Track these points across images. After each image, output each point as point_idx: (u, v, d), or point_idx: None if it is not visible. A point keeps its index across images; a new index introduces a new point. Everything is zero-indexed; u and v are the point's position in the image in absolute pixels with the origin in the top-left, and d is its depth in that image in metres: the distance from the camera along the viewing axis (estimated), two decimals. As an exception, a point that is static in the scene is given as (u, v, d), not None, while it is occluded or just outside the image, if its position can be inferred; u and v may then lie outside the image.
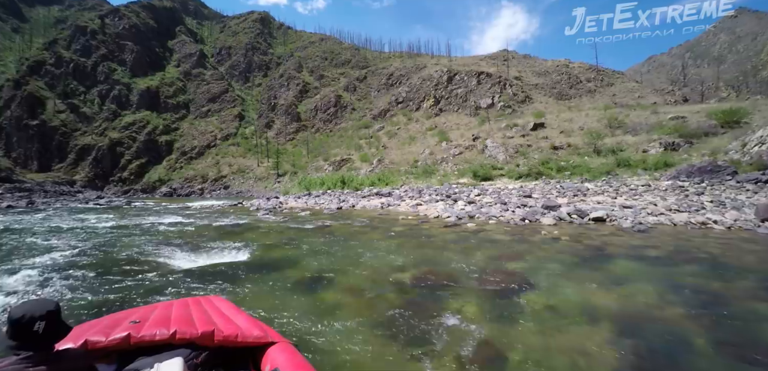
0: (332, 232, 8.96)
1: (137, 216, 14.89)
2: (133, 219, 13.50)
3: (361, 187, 24.07)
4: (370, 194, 19.14)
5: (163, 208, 20.70)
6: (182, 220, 12.67)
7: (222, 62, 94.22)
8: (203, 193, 51.95)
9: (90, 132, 62.63)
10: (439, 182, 25.46)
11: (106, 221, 12.89)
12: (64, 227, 11.54)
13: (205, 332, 1.93)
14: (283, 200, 19.91)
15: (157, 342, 1.88)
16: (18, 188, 26.76)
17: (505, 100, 59.90)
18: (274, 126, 70.85)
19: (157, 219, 13.01)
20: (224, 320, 2.14)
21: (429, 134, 47.62)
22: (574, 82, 68.04)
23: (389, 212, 12.62)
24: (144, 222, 12.19)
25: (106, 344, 1.79)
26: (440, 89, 66.74)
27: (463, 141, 35.87)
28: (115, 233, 10.00)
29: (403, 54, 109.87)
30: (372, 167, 37.05)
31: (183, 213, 15.68)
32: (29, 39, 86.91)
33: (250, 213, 14.81)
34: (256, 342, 1.98)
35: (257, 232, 9.50)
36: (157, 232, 9.68)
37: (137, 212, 17.36)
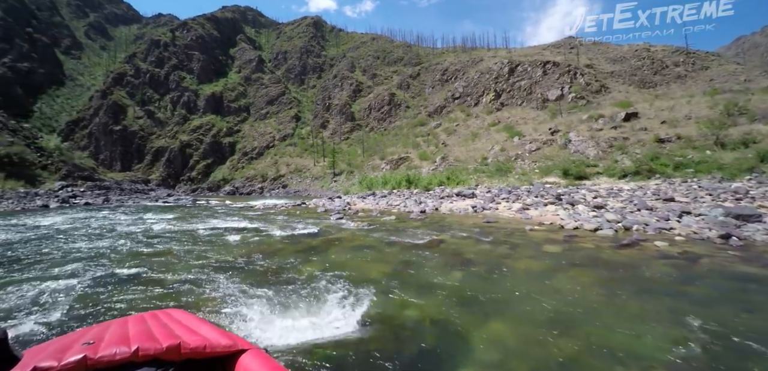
0: (454, 251, 6.60)
1: (200, 218, 14.10)
2: (196, 222, 12.60)
3: (430, 186, 21.83)
4: (448, 195, 16.91)
5: (226, 208, 20.19)
6: (247, 224, 11.32)
7: (279, 66, 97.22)
8: (263, 192, 53.01)
9: (163, 135, 67.29)
10: (519, 181, 22.48)
11: (168, 223, 12.09)
12: (122, 229, 10.76)
13: (171, 346, 1.73)
14: (350, 201, 18.32)
15: (118, 361, 1.66)
16: (98, 185, 28.41)
17: (577, 90, 54.30)
18: (329, 126, 71.13)
19: (220, 223, 12.01)
20: (188, 332, 1.94)
21: (493, 130, 44.16)
22: (659, 68, 60.18)
23: (495, 218, 10.29)
24: (206, 227, 11.09)
25: (58, 369, 1.55)
26: (501, 82, 62.51)
27: (538, 136, 32.18)
28: (173, 239, 8.85)
29: (457, 49, 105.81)
30: (435, 166, 34.71)
31: (247, 215, 14.68)
32: (114, 54, 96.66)
33: (319, 216, 13.27)
34: (226, 351, 1.83)
35: (346, 248, 7.16)
36: (221, 243, 8.14)
37: (201, 213, 16.89)
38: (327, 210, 15.18)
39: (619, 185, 16.74)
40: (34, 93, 77.32)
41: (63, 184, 24.53)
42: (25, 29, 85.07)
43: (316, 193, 43.76)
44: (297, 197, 39.31)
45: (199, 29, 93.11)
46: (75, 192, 23.55)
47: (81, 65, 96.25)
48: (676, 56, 62.67)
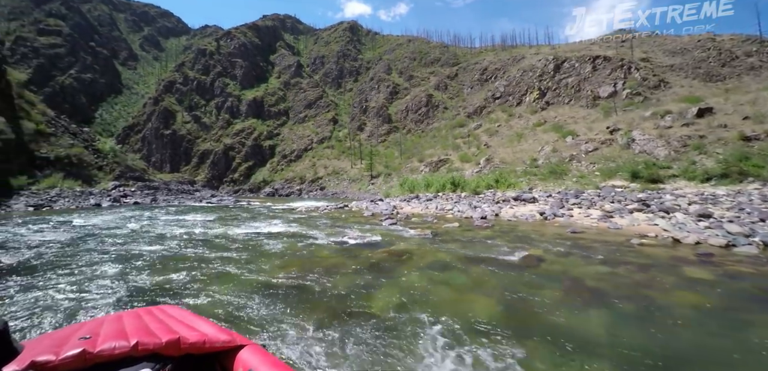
0: (565, 274, 5.09)
1: (242, 220, 13.56)
2: (237, 224, 11.98)
3: (479, 189, 20.28)
4: (503, 199, 15.39)
5: (267, 210, 19.81)
6: (293, 229, 10.42)
7: (316, 71, 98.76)
8: (301, 193, 53.47)
9: (209, 139, 70.19)
10: (578, 184, 20.43)
11: (209, 225, 11.61)
12: (163, 231, 10.42)
13: (170, 340, 1.74)
14: (395, 204, 17.24)
15: (117, 356, 1.63)
16: (148, 186, 29.57)
17: (632, 86, 50.13)
18: (366, 128, 70.87)
19: (263, 226, 11.25)
20: (186, 327, 1.95)
21: (539, 130, 41.56)
22: (728, 59, 54.37)
23: (577, 228, 8.75)
24: (248, 231, 10.31)
25: (57, 363, 1.51)
26: (546, 80, 59.22)
27: (594, 135, 29.52)
28: (213, 245, 8.17)
29: (495, 47, 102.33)
30: (479, 168, 32.94)
31: (290, 218, 14.04)
32: (165, 64, 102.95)
33: (368, 221, 12.26)
34: (225, 346, 1.84)
35: (420, 266, 5.71)
36: (265, 253, 7.13)
37: (243, 214, 16.54)
38: (374, 214, 14.24)
39: (706, 190, 14.43)
40: (96, 101, 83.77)
41: (116, 184, 25.67)
42: (88, 43, 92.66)
43: (353, 195, 43.28)
44: (335, 199, 38.93)
45: (241, 38, 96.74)
46: (126, 192, 24.50)
47: (136, 75, 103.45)
48: (748, 46, 56.37)
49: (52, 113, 28.84)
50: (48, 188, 20.12)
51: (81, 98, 79.19)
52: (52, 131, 25.70)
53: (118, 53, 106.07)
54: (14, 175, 18.63)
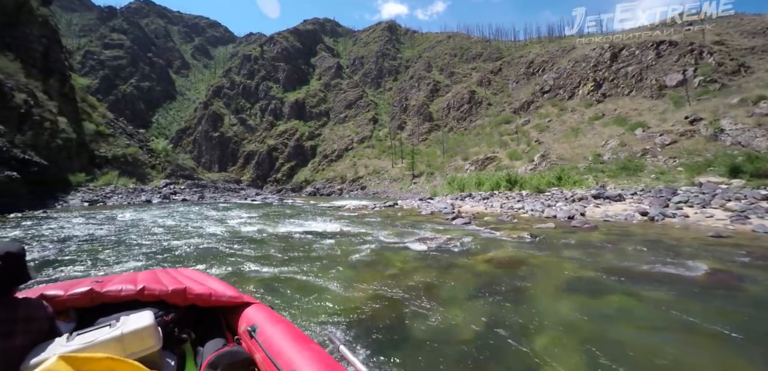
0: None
1: (291, 218, 13.02)
2: (287, 222, 11.44)
3: (541, 187, 18.18)
4: (579, 197, 13.38)
5: (314, 208, 19.03)
6: (352, 230, 9.37)
7: (356, 71, 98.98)
8: (342, 193, 53.19)
9: (253, 140, 72.41)
10: (657, 180, 17.69)
11: (257, 222, 11.17)
12: (209, 229, 9.81)
13: (176, 289, 1.78)
14: (453, 203, 15.69)
15: (123, 298, 1.70)
16: (196, 184, 30.30)
17: (706, 72, 44.59)
18: (407, 127, 69.52)
19: (316, 225, 10.13)
20: (196, 282, 1.96)
21: (598, 124, 38.11)
22: None
23: (713, 231, 6.80)
24: (302, 230, 9.18)
25: (65, 298, 1.62)
26: (601, 70, 54.52)
27: (669, 127, 26.07)
28: (266, 243, 7.28)
29: (542, 39, 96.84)
30: (533, 165, 30.47)
31: (342, 217, 12.96)
32: (214, 71, 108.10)
33: (432, 220, 10.83)
34: (231, 302, 1.86)
35: (557, 286, 4.09)
36: (330, 257, 5.93)
37: (291, 212, 15.86)
38: (433, 213, 12.89)
39: None
40: (153, 107, 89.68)
41: (167, 181, 26.45)
42: (146, 54, 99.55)
43: (396, 194, 42.08)
44: (378, 198, 37.96)
45: (283, 42, 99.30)
46: (175, 189, 25.07)
47: (188, 82, 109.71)
48: None
49: (111, 115, 30.49)
50: (104, 185, 20.94)
51: (140, 105, 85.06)
52: (111, 132, 27.02)
53: (172, 62, 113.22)
54: (74, 172, 19.45)
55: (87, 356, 1.00)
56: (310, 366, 1.13)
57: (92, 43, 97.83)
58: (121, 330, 1.39)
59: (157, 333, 1.51)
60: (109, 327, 1.42)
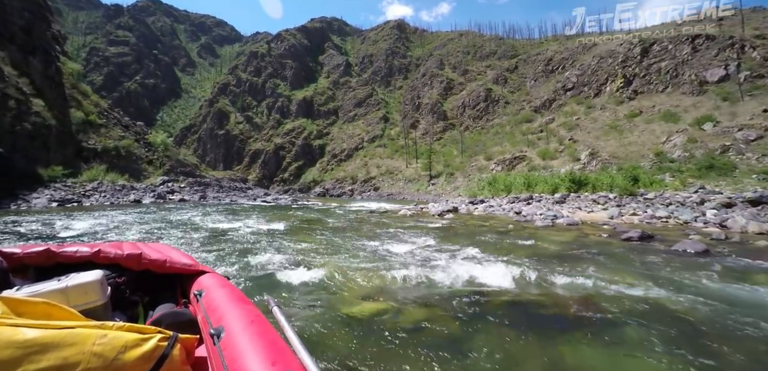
0: None
1: (324, 227, 9.98)
2: (308, 233, 8.57)
3: (629, 189, 14.93)
4: (695, 201, 10.29)
5: (333, 212, 16.01)
6: (408, 248, 6.55)
7: (365, 70, 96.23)
8: (353, 194, 50.25)
9: (260, 138, 69.78)
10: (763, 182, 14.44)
11: (273, 236, 8.02)
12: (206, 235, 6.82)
13: (132, 254, 1.85)
14: (519, 210, 12.52)
15: (78, 259, 1.81)
16: (198, 182, 27.38)
17: (752, 67, 41.16)
18: (420, 126, 66.45)
19: (379, 244, 7.02)
20: (153, 250, 2.02)
21: (639, 121, 35.24)
22: None
23: None
24: (368, 248, 6.54)
25: (22, 256, 1.74)
26: (631, 66, 51.27)
27: (747, 121, 22.81)
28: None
29: (558, 37, 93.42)
30: (582, 164, 27.28)
31: (379, 226, 9.91)
32: (220, 70, 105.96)
33: (602, 242, 7.53)
34: (185, 269, 1.91)
35: None
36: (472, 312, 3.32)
37: (314, 217, 12.94)
38: (522, 222, 10.03)
39: None
40: (158, 105, 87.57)
41: (164, 178, 23.61)
42: (152, 52, 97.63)
43: (412, 196, 38.99)
44: (393, 201, 34.92)
45: (291, 39, 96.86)
46: (173, 188, 22.19)
47: (194, 80, 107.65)
48: None
49: (106, 104, 27.73)
50: (87, 180, 18.05)
51: (144, 102, 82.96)
52: (103, 122, 24.27)
53: (178, 60, 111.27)
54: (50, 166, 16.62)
55: (25, 299, 1.03)
56: (238, 320, 1.17)
57: (98, 40, 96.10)
58: (66, 284, 1.44)
59: (103, 289, 1.54)
60: (56, 281, 1.47)
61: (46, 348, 0.82)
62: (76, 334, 0.88)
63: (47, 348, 0.82)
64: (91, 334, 0.89)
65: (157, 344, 0.94)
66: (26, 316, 0.96)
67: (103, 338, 0.89)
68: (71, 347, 0.84)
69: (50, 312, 1.04)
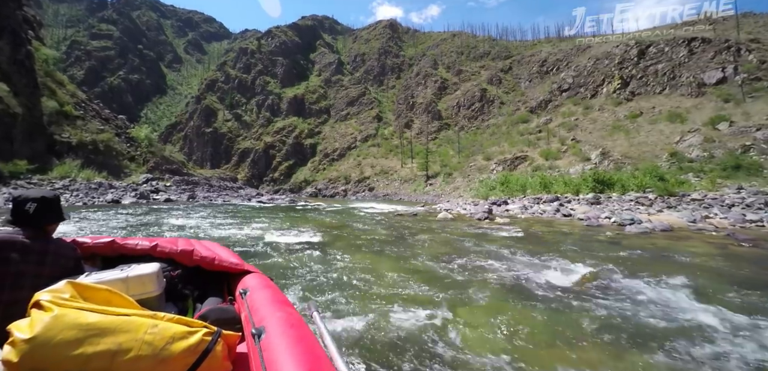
0: None
1: (349, 236, 8.40)
2: (361, 249, 6.84)
3: (659, 189, 13.92)
4: (722, 201, 9.28)
5: (351, 214, 14.63)
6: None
7: (357, 68, 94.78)
8: (346, 194, 48.77)
9: (249, 137, 67.58)
10: None
11: (319, 251, 6.27)
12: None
13: (185, 250, 1.98)
14: (557, 210, 11.28)
15: (138, 251, 1.96)
16: (185, 180, 25.45)
17: (750, 69, 41.32)
18: (414, 126, 65.31)
19: (430, 258, 5.75)
20: (205, 248, 2.13)
21: (643, 121, 35.15)
22: None
23: None
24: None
25: (91, 246, 1.92)
26: (628, 67, 51.18)
27: (764, 120, 22.28)
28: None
29: (551, 39, 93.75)
30: (593, 164, 26.38)
31: (428, 232, 8.74)
32: (207, 66, 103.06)
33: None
34: (232, 268, 2.00)
35: None
36: None
37: (326, 221, 11.39)
38: (590, 226, 8.62)
39: None
40: (142, 101, 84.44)
41: (148, 177, 21.68)
42: (136, 46, 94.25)
43: (409, 197, 37.75)
44: (392, 201, 33.59)
45: (282, 36, 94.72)
46: (158, 186, 20.33)
47: (180, 77, 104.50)
48: None
49: (83, 95, 25.55)
50: (58, 177, 16.12)
51: (128, 98, 79.87)
52: (80, 114, 22.22)
53: (163, 56, 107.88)
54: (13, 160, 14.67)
55: (90, 285, 1.12)
56: (279, 322, 1.20)
57: (79, 34, 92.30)
58: (127, 274, 1.55)
59: (159, 281, 1.64)
60: (119, 270, 1.59)
61: (104, 333, 0.91)
62: (130, 322, 0.96)
63: (105, 332, 0.91)
64: (144, 323, 0.97)
65: (201, 338, 1.00)
66: (90, 301, 1.04)
67: (154, 328, 0.96)
68: (126, 334, 0.92)
69: (110, 298, 1.12)
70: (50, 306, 0.92)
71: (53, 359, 0.86)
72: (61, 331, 0.87)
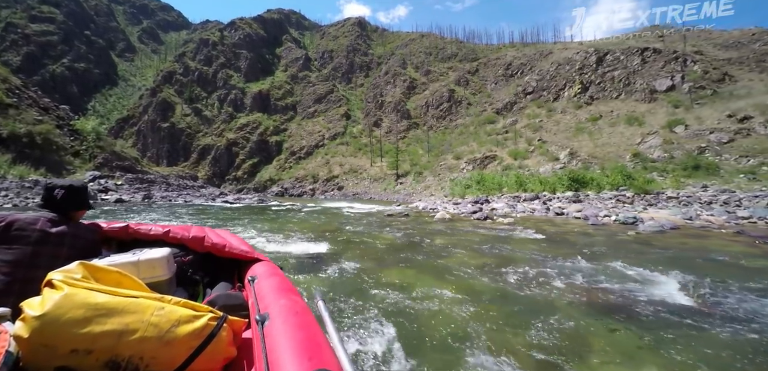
0: None
1: (359, 243, 7.39)
2: (383, 261, 5.74)
3: (639, 188, 14.41)
4: (704, 200, 9.73)
5: (325, 214, 13.80)
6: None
7: (325, 65, 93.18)
8: (315, 193, 47.58)
9: (210, 133, 64.27)
10: (758, 180, 14.67)
11: (337, 267, 5.11)
12: None
13: (196, 236, 2.01)
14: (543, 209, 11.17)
15: (151, 236, 1.98)
16: (140, 178, 23.33)
17: (695, 78, 44.85)
18: (383, 124, 65.06)
19: (462, 268, 5.06)
20: (216, 235, 2.18)
21: (603, 123, 37.32)
22: None
23: None
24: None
25: (107, 231, 1.95)
26: (588, 73, 53.85)
27: (715, 124, 24.04)
28: None
29: (515, 44, 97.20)
30: (562, 164, 27.29)
31: (432, 235, 8.15)
32: (164, 57, 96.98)
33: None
34: (242, 255, 2.03)
35: None
36: None
37: (318, 225, 10.62)
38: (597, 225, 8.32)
39: None
40: (90, 92, 77.69)
41: (95, 174, 19.55)
42: (83, 32, 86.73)
43: (379, 196, 37.36)
44: (361, 200, 33.04)
45: (246, 29, 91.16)
46: (108, 185, 18.41)
47: (133, 67, 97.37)
48: None
49: (19, 80, 22.69)
50: (-17, 173, 14.07)
51: (73, 88, 73.24)
52: (13, 101, 19.66)
53: (114, 44, 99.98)
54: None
55: (102, 267, 1.17)
56: (282, 309, 1.22)
57: (16, 15, 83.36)
58: (139, 257, 1.59)
59: (169, 265, 1.68)
60: (131, 254, 1.64)
61: (111, 313, 0.93)
62: (137, 303, 0.98)
63: (112, 312, 0.94)
64: (150, 305, 0.99)
65: (207, 323, 1.01)
66: (101, 282, 1.08)
67: (160, 310, 0.98)
68: (132, 315, 0.95)
69: (120, 280, 1.15)
70: (61, 285, 0.95)
71: (62, 336, 0.88)
72: (70, 310, 0.90)
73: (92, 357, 0.89)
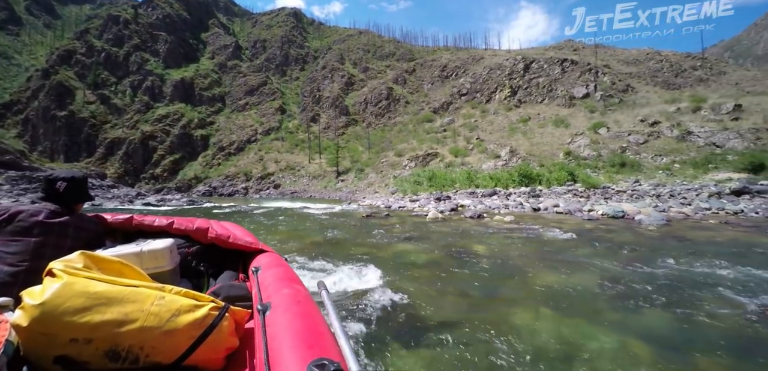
0: None
1: (376, 254, 5.94)
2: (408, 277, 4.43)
3: (597, 184, 15.40)
4: (670, 193, 10.77)
5: (282, 215, 12.33)
6: None
7: (257, 55, 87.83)
8: (248, 192, 44.38)
9: (121, 125, 56.45)
10: (675, 176, 16.64)
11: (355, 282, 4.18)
12: None
13: (200, 228, 2.01)
14: (492, 208, 11.01)
15: (156, 228, 2.00)
16: (27, 177, 19.11)
17: (605, 88, 50.95)
18: (321, 120, 63.19)
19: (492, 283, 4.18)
20: (220, 227, 2.17)
21: (533, 124, 40.77)
22: (678, 71, 58.62)
23: None
24: None
25: (112, 222, 1.95)
26: (516, 79, 58.12)
27: (632, 127, 27.24)
28: None
29: (449, 47, 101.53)
30: (504, 161, 28.64)
31: (389, 231, 7.43)
32: (60, 34, 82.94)
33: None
34: (246, 246, 2.03)
35: None
36: None
37: (259, 227, 8.85)
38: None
39: None
40: (-46, 69, 63.42)
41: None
42: (-54, -6, 70.47)
43: (320, 193, 36.00)
44: (298, 199, 31.45)
45: (166, 8, 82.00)
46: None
47: (19, 43, 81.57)
48: (691, 61, 61.56)
49: None
50: None
51: (-72, 63, 59.08)
52: None
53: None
54: None
55: (103, 257, 1.17)
56: (285, 299, 1.23)
57: None
58: (142, 248, 1.61)
59: (172, 256, 1.68)
60: (135, 245, 1.66)
61: (111, 302, 0.93)
62: (138, 293, 0.98)
63: (112, 301, 0.93)
64: (151, 295, 0.99)
65: (208, 312, 1.01)
66: (103, 271, 1.08)
67: (161, 300, 0.98)
68: (132, 304, 0.95)
69: (122, 270, 1.16)
70: (61, 274, 0.95)
71: (61, 325, 0.88)
72: (70, 299, 0.90)
73: (92, 346, 0.89)
